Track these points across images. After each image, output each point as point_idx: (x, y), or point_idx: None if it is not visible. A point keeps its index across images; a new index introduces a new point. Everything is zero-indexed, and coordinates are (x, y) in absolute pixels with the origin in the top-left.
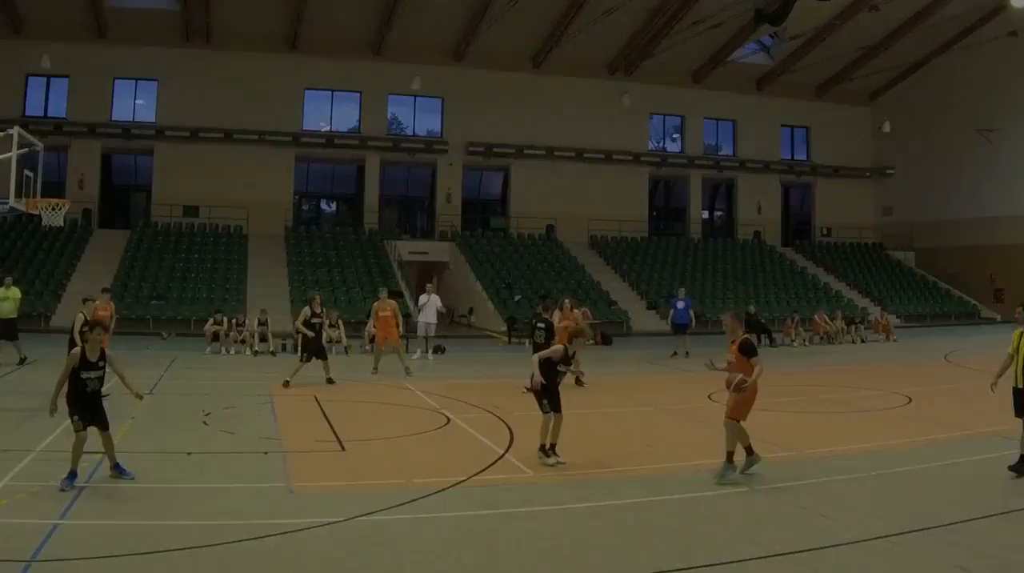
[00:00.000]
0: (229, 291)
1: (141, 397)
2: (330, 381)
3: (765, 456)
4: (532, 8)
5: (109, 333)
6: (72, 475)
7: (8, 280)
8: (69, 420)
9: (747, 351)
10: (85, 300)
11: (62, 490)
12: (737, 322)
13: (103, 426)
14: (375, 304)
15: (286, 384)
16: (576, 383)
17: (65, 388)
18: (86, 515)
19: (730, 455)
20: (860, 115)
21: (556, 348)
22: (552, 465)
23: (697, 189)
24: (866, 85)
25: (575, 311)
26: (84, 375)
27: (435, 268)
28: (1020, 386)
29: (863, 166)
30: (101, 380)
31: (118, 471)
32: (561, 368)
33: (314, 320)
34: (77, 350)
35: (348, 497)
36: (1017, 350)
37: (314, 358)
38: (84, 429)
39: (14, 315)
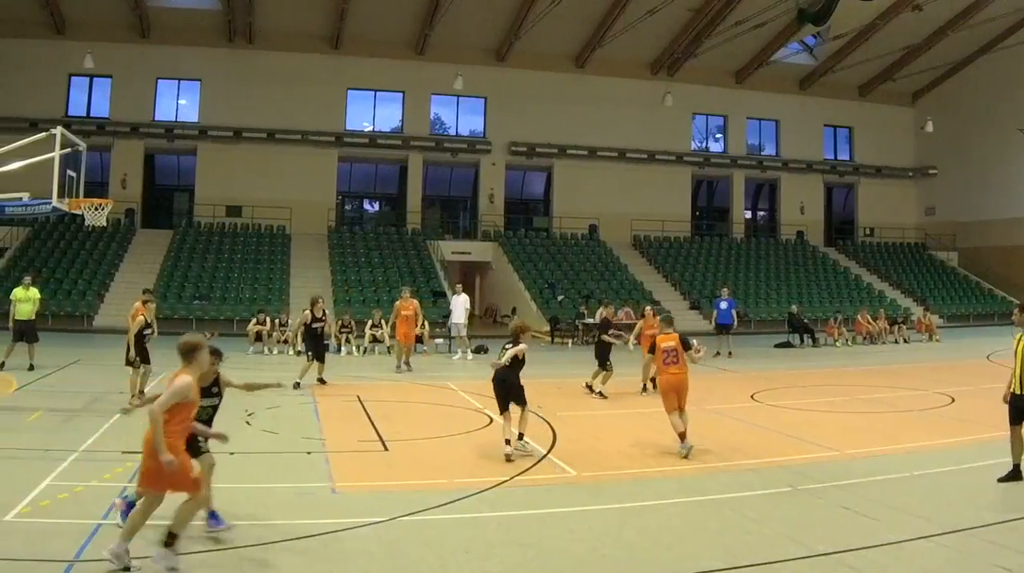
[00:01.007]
0: (272, 291)
1: (280, 384)
2: (321, 381)
3: (808, 456)
4: (575, 8)
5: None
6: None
7: (27, 280)
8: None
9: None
10: (146, 291)
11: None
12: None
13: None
14: (398, 303)
15: (296, 385)
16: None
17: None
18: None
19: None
20: (903, 115)
21: (520, 348)
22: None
23: (740, 189)
24: (909, 85)
25: (658, 318)
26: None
27: (477, 268)
28: (1019, 392)
29: (906, 166)
30: (215, 409)
31: (213, 520)
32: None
33: (315, 324)
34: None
35: (391, 497)
36: (1015, 354)
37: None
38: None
39: (32, 317)
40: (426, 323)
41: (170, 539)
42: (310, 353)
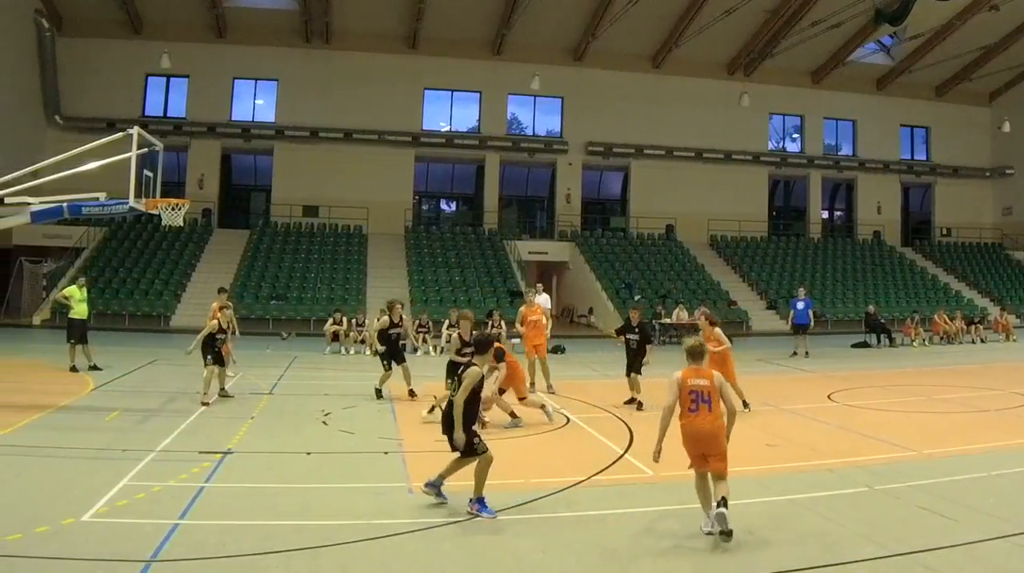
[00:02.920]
0: (349, 291)
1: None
2: (411, 393)
3: (885, 456)
4: (651, 8)
5: (231, 336)
6: (482, 501)
7: (82, 281)
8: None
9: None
10: (221, 290)
11: (485, 516)
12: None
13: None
14: (522, 309)
15: (379, 394)
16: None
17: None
18: (205, 515)
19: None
20: (980, 115)
21: (471, 374)
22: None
23: (817, 189)
24: (986, 85)
25: (716, 329)
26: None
27: (554, 268)
28: None
29: (983, 166)
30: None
31: (479, 506)
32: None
33: (392, 330)
34: (479, 370)
35: (468, 497)
36: None
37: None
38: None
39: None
40: (503, 323)
41: (723, 502)
42: (387, 361)
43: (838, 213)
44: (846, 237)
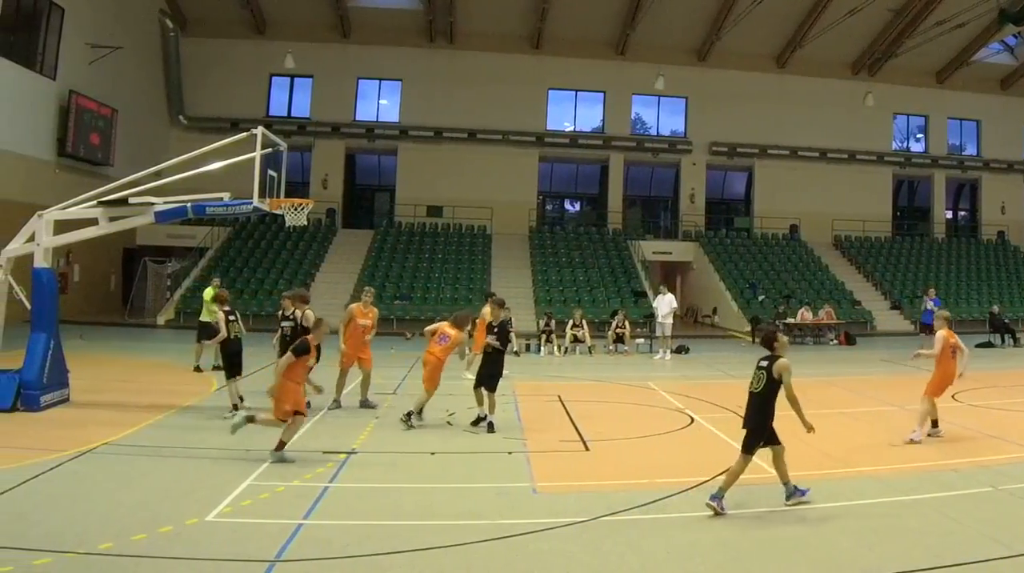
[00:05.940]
0: (473, 291)
1: None
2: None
3: (1009, 456)
4: (775, 8)
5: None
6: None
7: (216, 281)
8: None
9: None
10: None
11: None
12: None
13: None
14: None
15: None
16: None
17: None
18: (330, 515)
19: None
20: None
21: (784, 365)
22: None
23: (941, 189)
24: None
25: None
26: None
27: (678, 268)
28: None
29: None
30: None
31: (797, 493)
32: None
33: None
34: (788, 361)
35: (592, 497)
36: None
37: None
38: None
39: None
40: (627, 322)
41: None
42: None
43: (962, 213)
44: (970, 237)
